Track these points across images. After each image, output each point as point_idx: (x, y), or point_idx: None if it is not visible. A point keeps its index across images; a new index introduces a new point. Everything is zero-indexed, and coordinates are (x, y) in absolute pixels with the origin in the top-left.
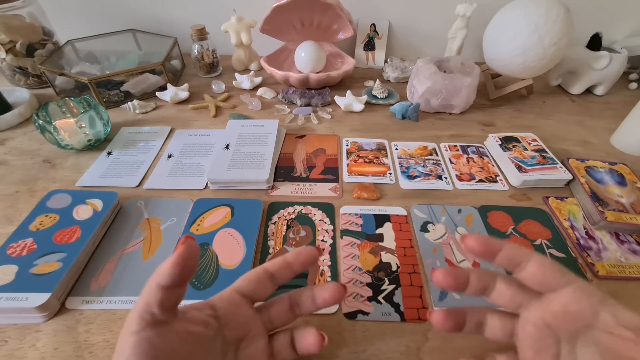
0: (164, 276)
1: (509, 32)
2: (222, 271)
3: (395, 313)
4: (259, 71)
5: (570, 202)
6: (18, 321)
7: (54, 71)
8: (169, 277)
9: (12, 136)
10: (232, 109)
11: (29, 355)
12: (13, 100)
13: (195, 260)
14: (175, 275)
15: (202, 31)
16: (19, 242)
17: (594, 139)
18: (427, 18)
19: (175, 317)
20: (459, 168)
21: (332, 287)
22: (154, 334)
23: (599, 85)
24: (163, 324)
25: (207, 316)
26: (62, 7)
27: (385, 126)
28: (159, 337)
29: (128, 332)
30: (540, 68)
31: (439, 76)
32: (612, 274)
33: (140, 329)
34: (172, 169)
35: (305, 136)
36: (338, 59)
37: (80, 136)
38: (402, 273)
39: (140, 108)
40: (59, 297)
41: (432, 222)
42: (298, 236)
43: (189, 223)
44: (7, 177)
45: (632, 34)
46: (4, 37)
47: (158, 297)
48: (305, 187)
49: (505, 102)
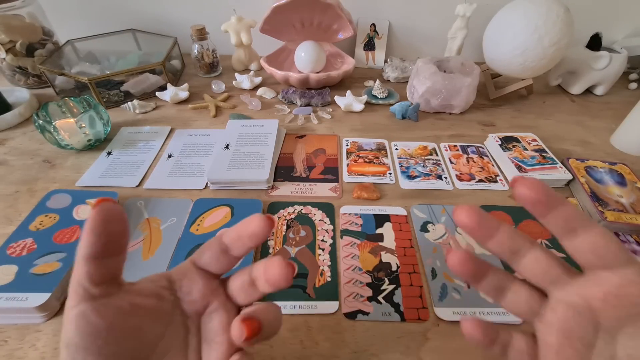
0: (82, 246)
1: (509, 32)
2: None
3: (395, 313)
4: (259, 71)
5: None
6: (18, 321)
7: (54, 71)
8: (87, 246)
9: (12, 136)
10: (232, 109)
11: (29, 355)
12: (13, 100)
13: (118, 223)
14: (94, 244)
15: (202, 31)
16: (19, 242)
17: (594, 139)
18: (427, 18)
19: (118, 289)
20: (459, 168)
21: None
22: (89, 308)
23: (598, 85)
24: (101, 297)
25: (160, 287)
26: (62, 7)
27: (385, 126)
28: (95, 312)
29: (67, 306)
30: (540, 68)
31: (439, 76)
32: None
33: (75, 304)
34: (172, 169)
35: (305, 136)
36: (338, 59)
37: (80, 136)
38: (402, 273)
39: (140, 108)
40: (59, 297)
41: (432, 222)
42: (298, 236)
43: (189, 223)
44: (7, 177)
45: (632, 34)
46: (4, 37)
47: (85, 270)
48: (305, 187)
49: (505, 102)
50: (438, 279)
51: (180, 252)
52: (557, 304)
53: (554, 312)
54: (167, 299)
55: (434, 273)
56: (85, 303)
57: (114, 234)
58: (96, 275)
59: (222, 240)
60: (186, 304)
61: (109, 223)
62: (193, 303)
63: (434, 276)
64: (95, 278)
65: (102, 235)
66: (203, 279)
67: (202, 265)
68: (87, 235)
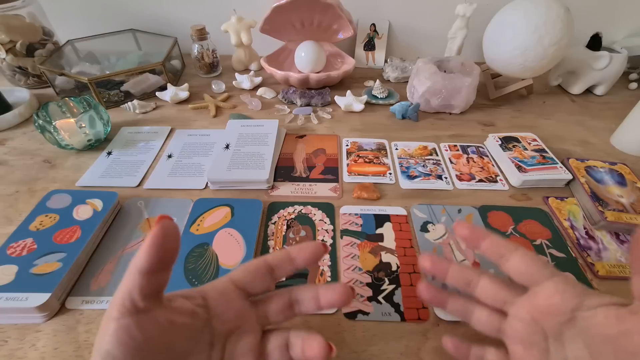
0: (142, 260)
1: (509, 32)
2: (222, 271)
3: (395, 313)
4: (259, 71)
5: (570, 202)
6: (18, 321)
7: (54, 71)
8: (146, 260)
9: (12, 136)
10: (232, 109)
11: (29, 355)
12: (13, 100)
13: (174, 241)
14: (152, 258)
15: (202, 31)
16: (19, 242)
17: (594, 139)
18: (427, 18)
19: (159, 305)
20: (459, 168)
21: (339, 289)
22: (133, 322)
23: (599, 85)
24: (144, 311)
25: (195, 306)
26: (62, 7)
27: (385, 126)
28: (138, 326)
29: (109, 317)
30: (540, 68)
31: (439, 76)
32: (612, 274)
33: (120, 316)
34: (172, 169)
35: (305, 136)
36: (338, 59)
37: (80, 136)
38: (402, 273)
39: (140, 108)
40: (59, 297)
41: (432, 222)
42: (298, 236)
43: (189, 223)
44: (7, 177)
45: (632, 34)
46: (4, 37)
47: (138, 283)
48: (305, 187)
49: (505, 102)
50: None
51: (180, 253)
52: (512, 319)
53: (511, 327)
54: (200, 317)
55: None
56: (130, 317)
57: (170, 251)
58: (147, 288)
59: (268, 261)
60: (218, 322)
61: (168, 240)
62: (225, 323)
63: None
64: (146, 291)
65: (160, 250)
66: (240, 300)
67: (242, 284)
68: (148, 249)
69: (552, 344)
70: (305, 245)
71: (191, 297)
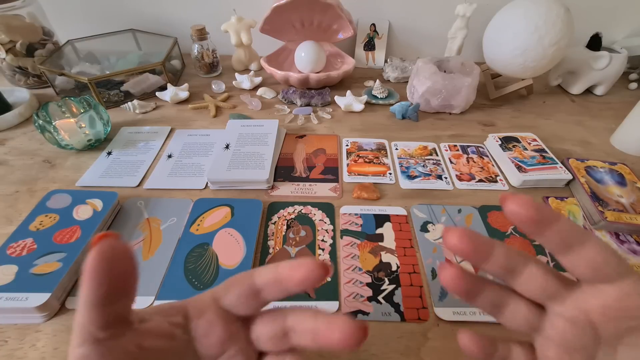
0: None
1: (509, 32)
2: (222, 271)
3: (395, 313)
4: (259, 71)
5: (570, 202)
6: (18, 321)
7: (54, 71)
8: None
9: (12, 136)
10: (232, 109)
11: (29, 355)
12: (13, 100)
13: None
14: (99, 288)
15: (202, 31)
16: (19, 242)
17: (594, 139)
18: (427, 18)
19: (127, 328)
20: (459, 168)
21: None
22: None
23: (599, 85)
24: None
25: (173, 326)
26: (62, 7)
27: (385, 126)
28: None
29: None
30: (540, 68)
31: (439, 76)
32: None
33: (79, 343)
34: (172, 169)
35: (305, 136)
36: (338, 59)
37: (80, 136)
38: (402, 273)
39: (140, 108)
40: (59, 297)
41: (432, 222)
42: (298, 236)
43: (189, 223)
44: (7, 177)
45: (632, 34)
46: (4, 37)
47: (90, 317)
48: (305, 187)
49: (505, 102)
50: (438, 279)
51: (180, 252)
52: (556, 318)
53: (553, 327)
54: (179, 338)
55: (434, 273)
56: (90, 345)
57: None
58: (101, 321)
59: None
60: (201, 346)
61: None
62: (209, 347)
63: (434, 276)
64: (101, 324)
65: (104, 280)
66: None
67: (225, 305)
68: (88, 282)
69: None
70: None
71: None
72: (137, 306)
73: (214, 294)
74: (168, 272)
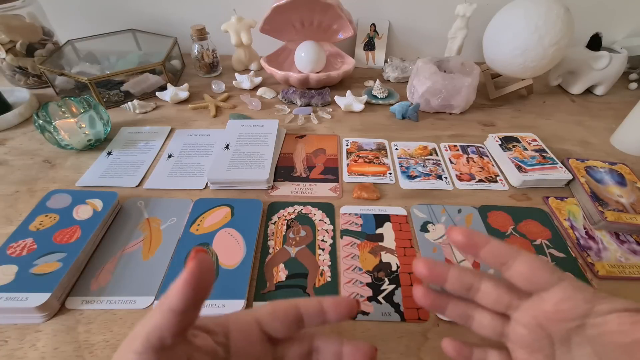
0: (176, 299)
1: (509, 32)
2: (222, 271)
3: (395, 313)
4: (259, 71)
5: (570, 202)
6: (18, 321)
7: (54, 71)
8: (180, 299)
9: (12, 136)
10: (232, 109)
11: (29, 355)
12: (13, 100)
13: (210, 276)
14: (188, 296)
15: (202, 31)
16: (19, 242)
17: (594, 139)
18: (427, 18)
19: (182, 341)
20: (459, 168)
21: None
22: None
23: (599, 85)
24: (168, 349)
25: (216, 344)
26: (62, 7)
27: (385, 126)
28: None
29: (130, 349)
30: (540, 68)
31: (439, 76)
32: (612, 274)
33: (143, 351)
34: (172, 169)
35: (305, 136)
36: (338, 59)
37: (80, 136)
38: (402, 273)
39: (140, 108)
40: (59, 297)
41: (432, 222)
42: (298, 236)
43: (189, 223)
44: (7, 177)
45: (632, 34)
46: (4, 37)
47: (170, 322)
48: (305, 187)
49: (505, 102)
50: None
51: (180, 252)
52: (516, 324)
53: (515, 332)
54: (220, 356)
55: None
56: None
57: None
58: (179, 327)
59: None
60: None
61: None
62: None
63: None
64: (177, 330)
65: (196, 288)
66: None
67: (266, 327)
68: (184, 288)
69: (558, 349)
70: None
71: (214, 333)
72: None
73: (257, 317)
74: (168, 272)
